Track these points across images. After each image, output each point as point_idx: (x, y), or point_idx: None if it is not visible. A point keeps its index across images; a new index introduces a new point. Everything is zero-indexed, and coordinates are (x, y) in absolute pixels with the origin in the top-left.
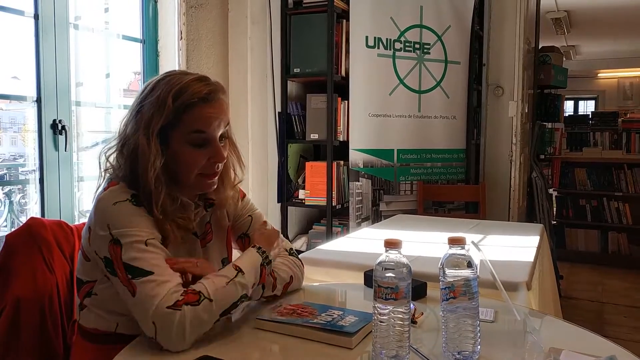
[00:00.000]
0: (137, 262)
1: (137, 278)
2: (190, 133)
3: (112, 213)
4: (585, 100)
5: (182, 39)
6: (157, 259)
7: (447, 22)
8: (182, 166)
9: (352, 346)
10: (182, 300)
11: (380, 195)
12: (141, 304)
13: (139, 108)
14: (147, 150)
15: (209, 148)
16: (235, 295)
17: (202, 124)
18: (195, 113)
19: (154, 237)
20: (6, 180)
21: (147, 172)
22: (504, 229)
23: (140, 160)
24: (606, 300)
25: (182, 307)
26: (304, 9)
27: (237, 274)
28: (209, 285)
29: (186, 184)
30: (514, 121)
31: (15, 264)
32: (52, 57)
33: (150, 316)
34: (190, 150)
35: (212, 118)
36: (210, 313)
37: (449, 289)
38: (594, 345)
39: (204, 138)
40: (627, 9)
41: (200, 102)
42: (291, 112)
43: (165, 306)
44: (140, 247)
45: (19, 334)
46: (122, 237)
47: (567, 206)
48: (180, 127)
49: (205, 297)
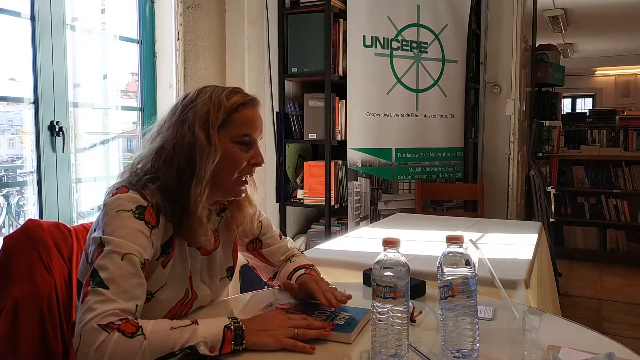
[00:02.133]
0: (102, 271)
1: (94, 286)
2: (239, 133)
3: (111, 219)
4: (583, 98)
5: (179, 40)
6: (123, 276)
7: (444, 21)
8: (226, 165)
9: (351, 341)
10: (117, 325)
11: (378, 195)
12: (81, 312)
13: (185, 111)
14: (206, 146)
15: (251, 150)
16: (174, 344)
17: (250, 125)
18: (244, 114)
19: (135, 254)
20: (4, 182)
21: (202, 168)
22: (502, 227)
23: (197, 155)
24: (605, 297)
25: (113, 332)
26: (301, 9)
27: (189, 325)
28: (153, 324)
29: (225, 185)
30: (511, 119)
31: (14, 266)
32: (49, 59)
33: (80, 328)
34: (237, 150)
35: (257, 122)
36: (141, 352)
37: (448, 288)
38: (592, 342)
39: (249, 139)
40: (624, 6)
41: (249, 104)
42: (289, 111)
43: (97, 323)
44: (115, 258)
45: (18, 335)
46: (107, 243)
47: (565, 204)
48: (230, 126)
49: (142, 333)
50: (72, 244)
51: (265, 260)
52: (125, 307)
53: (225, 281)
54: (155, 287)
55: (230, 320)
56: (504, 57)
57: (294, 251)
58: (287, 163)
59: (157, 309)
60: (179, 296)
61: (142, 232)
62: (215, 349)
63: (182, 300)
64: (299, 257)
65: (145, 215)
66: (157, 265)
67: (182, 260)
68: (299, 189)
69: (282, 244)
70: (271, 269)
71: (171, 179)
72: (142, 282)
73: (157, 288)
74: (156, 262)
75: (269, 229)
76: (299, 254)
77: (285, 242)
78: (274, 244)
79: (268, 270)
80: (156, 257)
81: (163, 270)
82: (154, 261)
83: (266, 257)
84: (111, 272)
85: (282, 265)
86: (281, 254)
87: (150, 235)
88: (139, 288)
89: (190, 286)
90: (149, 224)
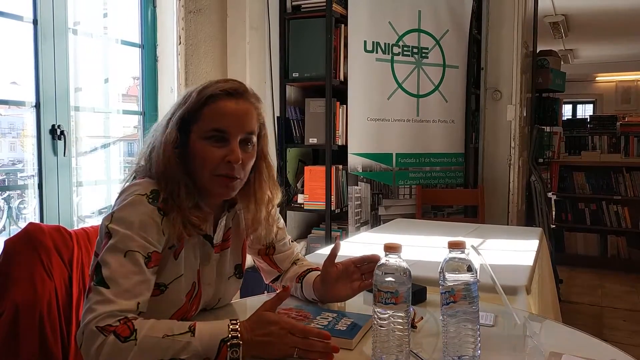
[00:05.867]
0: (105, 268)
1: (96, 284)
2: (209, 128)
3: (124, 203)
4: (584, 104)
5: (181, 44)
6: (125, 275)
7: (445, 27)
8: (197, 163)
9: (352, 347)
10: (114, 327)
11: (379, 200)
12: (84, 310)
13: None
14: (161, 136)
15: (226, 147)
16: (163, 354)
17: (220, 120)
18: (216, 107)
19: (138, 251)
20: (5, 185)
21: (159, 158)
22: (503, 233)
23: (157, 147)
24: (605, 304)
25: (109, 335)
26: (302, 14)
27: (185, 333)
28: (148, 329)
29: (202, 184)
30: (512, 125)
31: (14, 270)
32: (50, 63)
33: (83, 327)
34: (206, 145)
35: (233, 116)
36: (129, 358)
37: (449, 293)
38: (593, 349)
39: (222, 135)
40: (624, 12)
41: (223, 96)
42: (290, 116)
43: (95, 325)
44: (118, 255)
45: (18, 339)
46: (113, 234)
47: (566, 210)
48: (200, 120)
49: (134, 338)
50: (72, 247)
51: (275, 266)
52: (124, 307)
53: (234, 280)
54: (170, 279)
55: (228, 333)
56: (504, 63)
57: (298, 255)
58: (287, 168)
59: (169, 302)
60: (187, 288)
61: (153, 218)
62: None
63: (189, 294)
64: (304, 260)
65: (159, 200)
66: (169, 255)
67: (192, 252)
68: (300, 193)
69: (292, 250)
70: (276, 273)
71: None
72: (145, 278)
73: (173, 279)
74: (169, 250)
75: (283, 234)
76: (303, 258)
77: (294, 248)
78: (285, 250)
79: (273, 274)
80: (168, 245)
81: (176, 261)
82: (166, 250)
83: (276, 263)
84: (113, 270)
85: (288, 268)
86: (290, 261)
87: (162, 222)
88: (142, 285)
89: (197, 280)
90: (162, 211)
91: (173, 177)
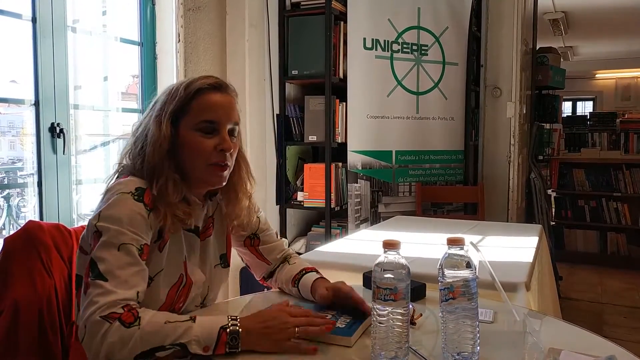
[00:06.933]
0: (100, 263)
1: (93, 279)
2: (199, 120)
3: (110, 202)
4: (583, 101)
5: (180, 42)
6: (121, 266)
7: (444, 24)
8: (190, 154)
9: (352, 344)
10: (119, 314)
11: (378, 197)
12: (84, 305)
13: (153, 104)
14: (156, 133)
15: (217, 136)
16: (164, 338)
17: (211, 111)
18: (204, 100)
19: (131, 243)
20: (4, 183)
21: (152, 154)
22: (503, 230)
23: (148, 144)
24: (605, 300)
25: (114, 321)
26: (301, 11)
27: (185, 321)
28: (152, 316)
29: (196, 175)
30: (512, 122)
31: (14, 268)
32: (50, 61)
33: (85, 320)
34: (198, 137)
35: (221, 107)
36: (132, 342)
37: (448, 290)
38: (593, 345)
39: (212, 125)
40: (624, 9)
41: (210, 89)
42: (289, 114)
43: (99, 315)
44: (112, 249)
45: (17, 337)
46: (103, 232)
47: (565, 207)
48: (190, 113)
49: (138, 324)
50: (72, 245)
51: (262, 258)
52: (125, 296)
53: (220, 269)
54: (154, 271)
55: (228, 321)
56: (504, 60)
57: (289, 251)
58: (287, 165)
59: (156, 294)
60: (173, 281)
61: (141, 214)
62: (209, 348)
63: (176, 286)
64: (296, 258)
65: (144, 197)
66: (154, 248)
67: (177, 245)
68: (299, 191)
69: (279, 242)
70: (266, 267)
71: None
72: (141, 268)
73: (156, 272)
74: (154, 244)
75: (267, 226)
76: (295, 255)
77: (281, 241)
78: (271, 241)
79: (262, 268)
80: (154, 239)
81: (160, 254)
82: (152, 244)
83: (263, 255)
84: (108, 264)
85: (280, 266)
86: (278, 252)
87: (149, 217)
88: (138, 275)
89: (185, 271)
90: (148, 207)
91: (163, 172)
